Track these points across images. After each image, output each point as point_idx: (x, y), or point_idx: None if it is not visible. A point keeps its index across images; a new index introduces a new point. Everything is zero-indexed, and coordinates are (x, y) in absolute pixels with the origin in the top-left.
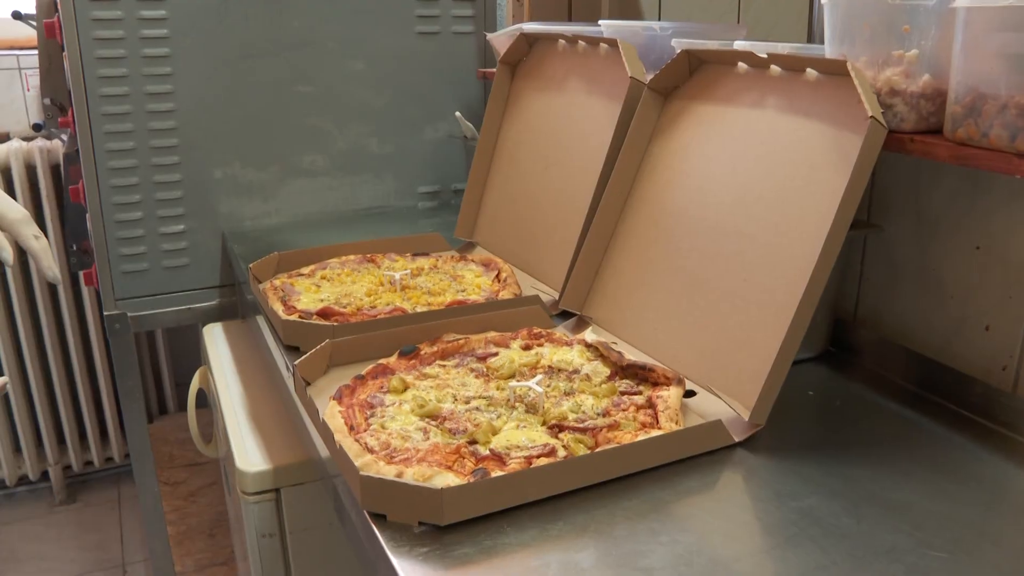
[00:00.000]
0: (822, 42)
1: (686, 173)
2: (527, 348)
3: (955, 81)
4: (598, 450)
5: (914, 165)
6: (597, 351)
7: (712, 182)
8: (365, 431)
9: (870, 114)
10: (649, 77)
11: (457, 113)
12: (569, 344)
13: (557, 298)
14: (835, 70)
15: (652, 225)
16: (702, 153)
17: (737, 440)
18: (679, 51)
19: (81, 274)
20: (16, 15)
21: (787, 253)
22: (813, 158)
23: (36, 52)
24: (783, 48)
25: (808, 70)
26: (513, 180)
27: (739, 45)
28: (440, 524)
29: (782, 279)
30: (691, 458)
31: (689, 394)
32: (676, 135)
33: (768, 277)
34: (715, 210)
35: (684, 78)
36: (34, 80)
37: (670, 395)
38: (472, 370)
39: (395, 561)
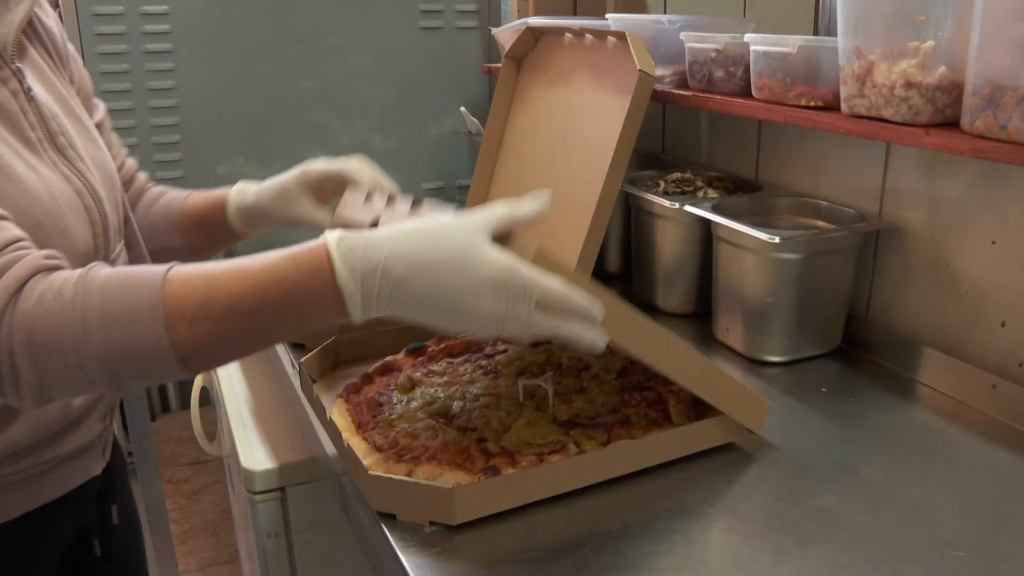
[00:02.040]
0: (828, 34)
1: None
2: (536, 345)
3: (972, 73)
4: (609, 446)
5: (928, 159)
6: (608, 347)
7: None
8: (373, 429)
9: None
10: (660, 72)
11: (462, 108)
12: None
13: None
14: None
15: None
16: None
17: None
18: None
19: None
20: None
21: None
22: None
23: None
24: (794, 40)
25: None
26: (520, 174)
27: (749, 38)
28: (452, 523)
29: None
30: (705, 455)
31: None
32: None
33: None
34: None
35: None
36: None
37: (681, 390)
38: (480, 367)
39: (406, 561)
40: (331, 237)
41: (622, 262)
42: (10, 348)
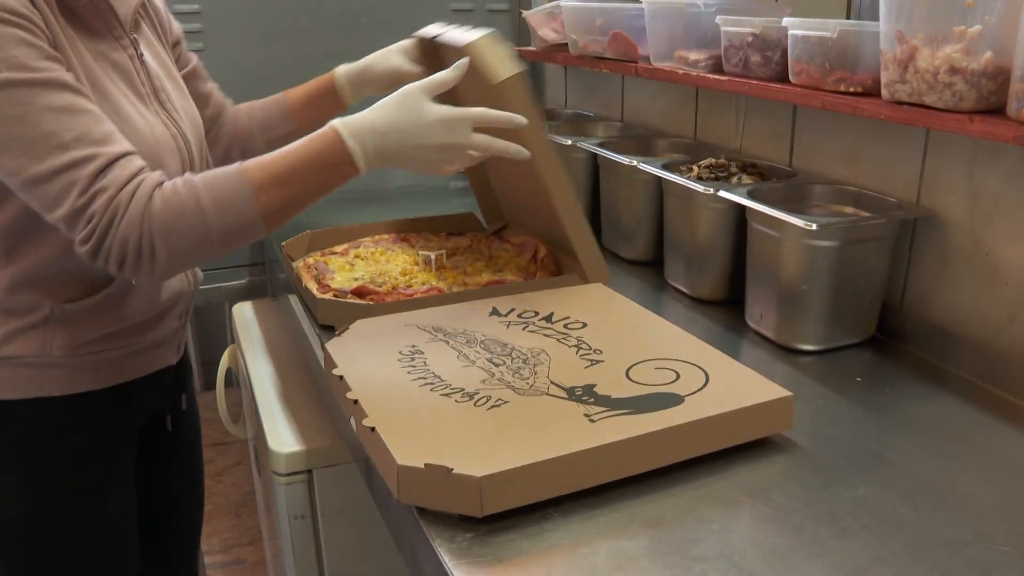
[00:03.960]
0: (860, 19)
1: None
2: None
3: (1021, 58)
4: (644, 433)
5: (970, 146)
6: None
7: None
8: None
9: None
10: (693, 55)
11: None
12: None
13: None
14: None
15: None
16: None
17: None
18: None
19: None
20: None
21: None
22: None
23: None
24: (833, 24)
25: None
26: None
27: (788, 22)
28: (479, 516)
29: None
30: (739, 444)
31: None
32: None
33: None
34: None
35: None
36: None
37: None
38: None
39: (438, 548)
40: (337, 122)
41: (655, 248)
42: (150, 234)
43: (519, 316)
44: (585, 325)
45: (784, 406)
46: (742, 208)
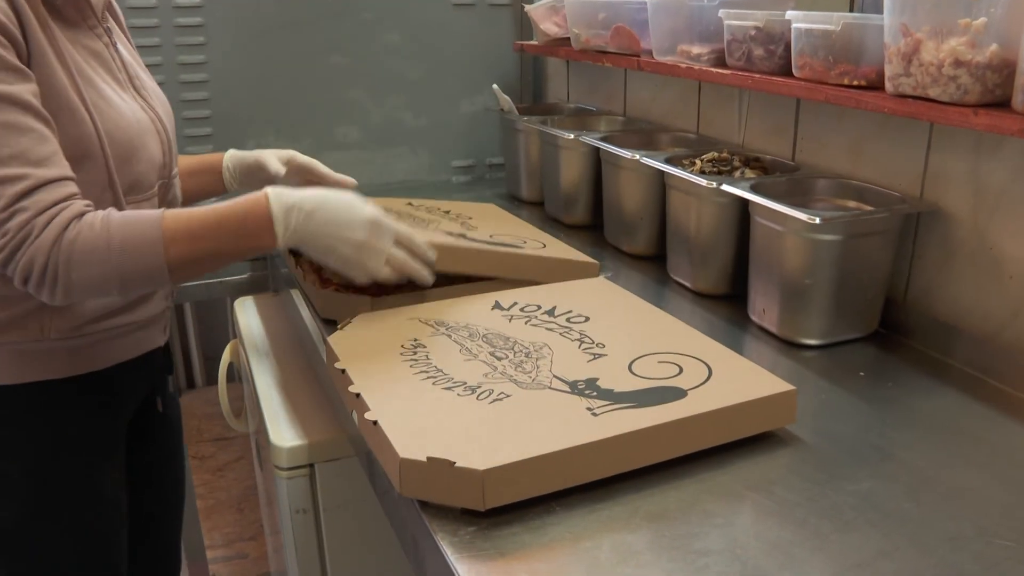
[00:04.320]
0: (865, 11)
1: None
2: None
3: None
4: (647, 427)
5: (975, 140)
6: None
7: None
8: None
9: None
10: (696, 49)
11: (495, 86)
12: None
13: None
14: None
15: None
16: None
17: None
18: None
19: None
20: None
21: None
22: None
23: None
24: (837, 17)
25: None
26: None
27: (791, 15)
28: (481, 510)
29: None
30: (742, 438)
31: None
32: None
33: None
34: None
35: None
36: None
37: None
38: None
39: (440, 542)
40: (269, 190)
41: (657, 243)
42: (56, 263)
43: (521, 310)
44: (588, 319)
45: (787, 400)
46: (745, 202)
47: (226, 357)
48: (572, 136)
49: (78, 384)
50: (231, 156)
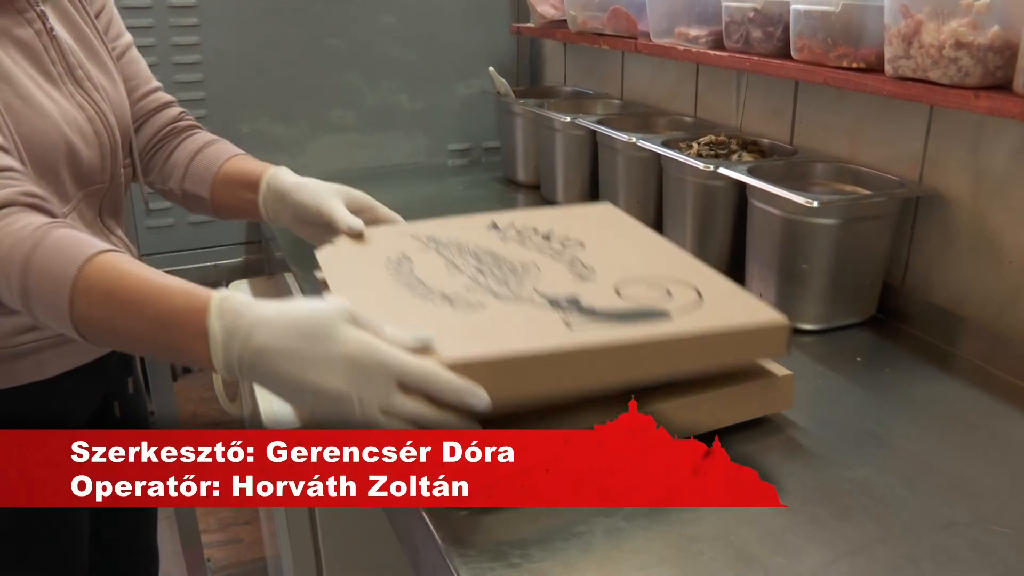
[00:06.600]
0: None
1: None
2: None
3: None
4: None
5: (975, 123)
6: None
7: None
8: None
9: None
10: (693, 31)
11: (491, 69)
12: None
13: None
14: None
15: None
16: None
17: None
18: None
19: None
20: None
21: None
22: None
23: None
24: (834, 3)
25: None
26: None
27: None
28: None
29: None
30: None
31: None
32: None
33: None
34: None
35: None
36: None
37: None
38: None
39: (431, 523)
40: (221, 293)
41: (654, 226)
42: None
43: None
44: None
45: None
46: (742, 186)
47: None
48: (568, 119)
49: (20, 394)
50: (272, 182)
